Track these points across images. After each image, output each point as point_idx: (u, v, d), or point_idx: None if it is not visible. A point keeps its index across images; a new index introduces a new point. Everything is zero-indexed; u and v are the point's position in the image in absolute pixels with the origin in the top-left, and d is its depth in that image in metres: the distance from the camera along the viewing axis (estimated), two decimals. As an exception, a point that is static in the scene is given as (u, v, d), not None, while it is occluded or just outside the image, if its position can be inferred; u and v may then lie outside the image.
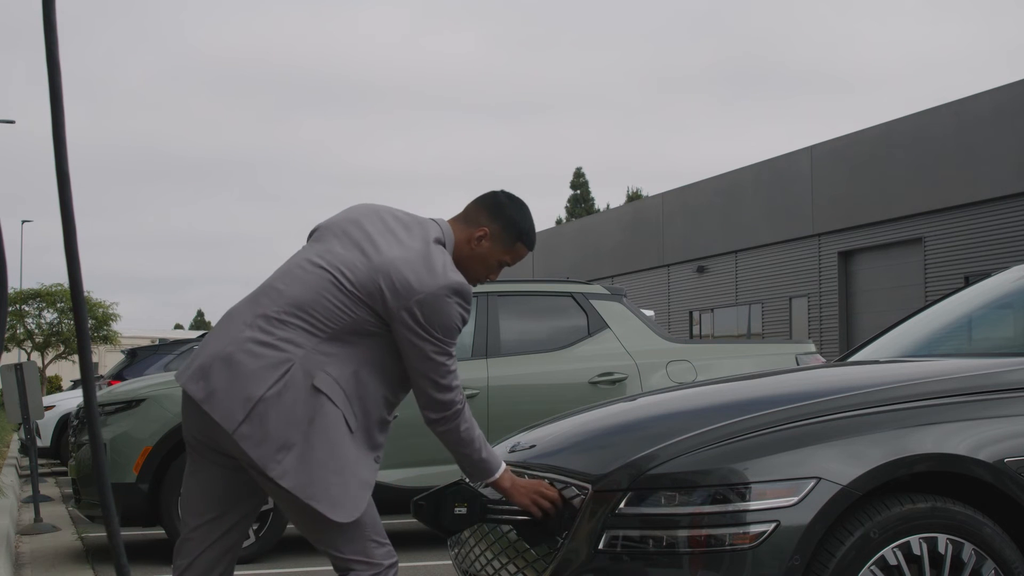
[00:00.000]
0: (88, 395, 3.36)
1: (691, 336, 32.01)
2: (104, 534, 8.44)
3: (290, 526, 7.19)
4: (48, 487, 12.95)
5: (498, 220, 3.14)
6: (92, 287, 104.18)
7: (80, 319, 3.20)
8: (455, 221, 3.18)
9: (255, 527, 6.90)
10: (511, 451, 3.62)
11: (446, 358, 3.02)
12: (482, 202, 3.18)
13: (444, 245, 3.07)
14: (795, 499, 2.85)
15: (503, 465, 3.16)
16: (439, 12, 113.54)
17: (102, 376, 17.98)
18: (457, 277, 2.98)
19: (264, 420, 2.86)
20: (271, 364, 2.89)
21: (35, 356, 43.16)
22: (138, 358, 14.87)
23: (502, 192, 3.22)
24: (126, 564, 3.35)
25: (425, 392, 3.06)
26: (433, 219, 3.14)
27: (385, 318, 2.96)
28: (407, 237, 3.03)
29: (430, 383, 3.04)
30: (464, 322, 3.02)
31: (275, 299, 2.99)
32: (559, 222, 59.88)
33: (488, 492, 3.40)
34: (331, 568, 3.05)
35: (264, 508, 5.88)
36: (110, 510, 3.37)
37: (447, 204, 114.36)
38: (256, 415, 2.86)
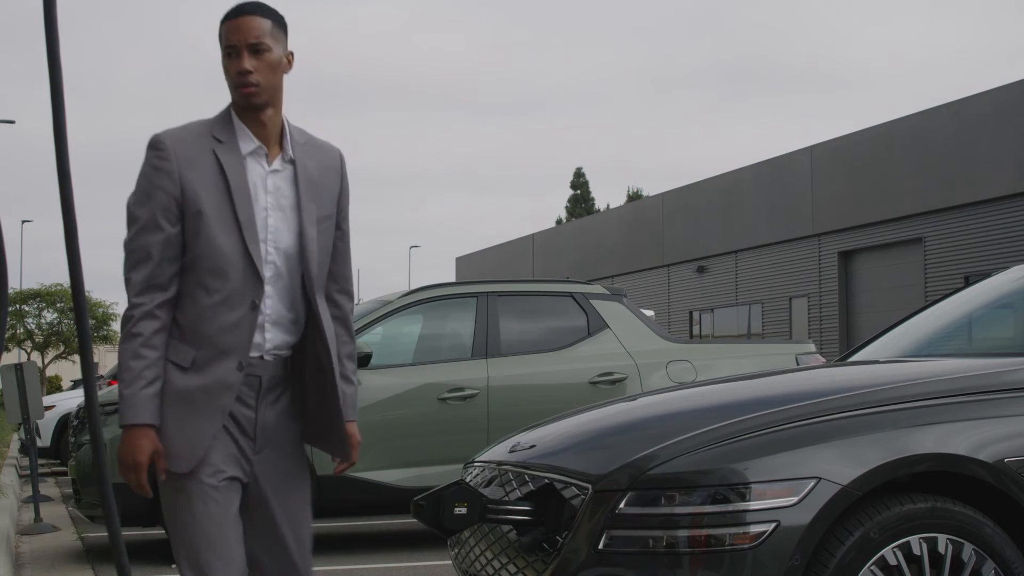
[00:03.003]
0: (89, 394, 3.36)
1: (691, 336, 32.02)
2: (104, 534, 8.44)
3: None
4: (48, 487, 12.95)
5: (284, 31, 2.81)
6: (92, 287, 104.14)
7: (81, 318, 3.19)
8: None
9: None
10: (511, 451, 3.62)
11: (127, 239, 2.75)
12: (268, 23, 2.77)
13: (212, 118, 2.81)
14: (795, 499, 2.85)
15: (144, 418, 2.66)
16: (437, 11, 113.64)
17: (102, 376, 17.99)
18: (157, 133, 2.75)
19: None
20: None
21: (35, 356, 43.17)
22: (138, 358, 14.82)
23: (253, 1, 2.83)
24: (127, 564, 3.34)
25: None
26: None
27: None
28: None
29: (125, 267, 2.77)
30: (147, 175, 2.71)
31: None
32: (559, 222, 59.90)
33: (488, 492, 3.41)
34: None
35: None
36: (111, 510, 3.35)
37: (446, 204, 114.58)
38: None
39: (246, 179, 2.75)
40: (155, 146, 2.70)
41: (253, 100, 2.74)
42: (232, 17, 2.76)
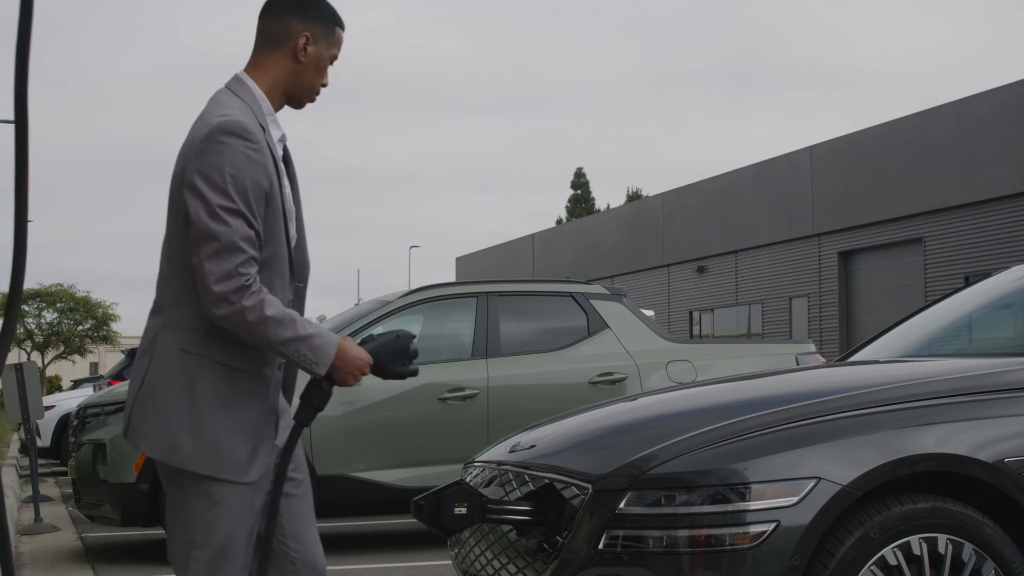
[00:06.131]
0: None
1: (691, 336, 32.02)
2: (104, 534, 8.44)
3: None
4: (48, 487, 12.95)
5: (310, 18, 2.74)
6: (92, 287, 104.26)
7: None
8: (258, 55, 2.76)
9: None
10: (511, 451, 3.62)
11: (228, 230, 2.52)
12: (279, 12, 2.75)
13: (239, 95, 2.69)
14: (795, 499, 2.85)
15: (336, 336, 2.68)
16: (435, 10, 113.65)
17: (102, 376, 17.99)
18: (227, 117, 2.58)
19: (146, 410, 2.61)
20: (142, 351, 2.66)
21: (35, 356, 43.21)
22: (138, 358, 14.85)
23: None
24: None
25: (204, 282, 2.51)
26: (226, 85, 2.77)
27: None
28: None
29: (208, 270, 2.50)
30: (256, 168, 2.57)
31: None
32: (559, 222, 59.90)
33: (488, 492, 3.41)
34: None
35: None
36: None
37: (445, 203, 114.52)
38: (139, 408, 2.62)
39: (283, 171, 2.72)
40: (245, 135, 2.57)
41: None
42: (343, 24, 2.79)
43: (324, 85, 2.79)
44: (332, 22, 2.77)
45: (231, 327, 2.55)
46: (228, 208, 2.52)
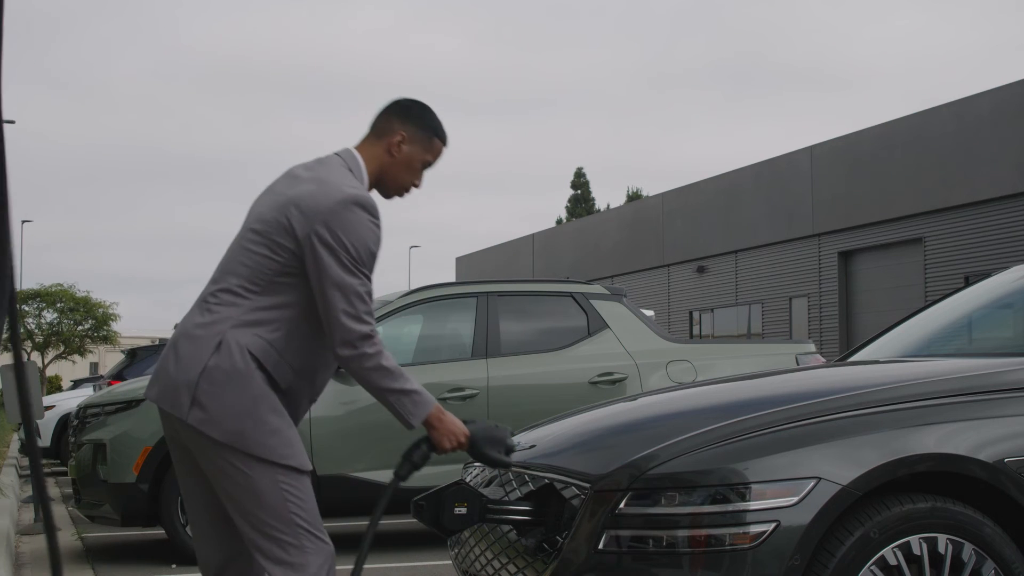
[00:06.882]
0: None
1: (691, 336, 32.02)
2: (104, 534, 8.44)
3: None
4: (48, 487, 12.94)
5: (410, 122, 3.12)
6: (92, 287, 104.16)
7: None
8: (365, 141, 3.15)
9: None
10: (511, 451, 3.62)
11: (359, 282, 2.89)
12: (389, 111, 3.14)
13: (351, 170, 3.05)
14: (795, 499, 2.85)
15: (433, 398, 3.04)
16: (435, 10, 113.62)
17: (102, 376, 17.99)
18: (357, 191, 2.95)
19: (211, 399, 2.85)
20: (206, 341, 2.90)
21: (35, 356, 43.20)
22: (138, 358, 14.88)
23: (404, 98, 3.20)
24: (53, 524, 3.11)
25: (340, 324, 2.88)
26: (336, 152, 3.13)
27: (300, 256, 2.92)
28: (309, 175, 3.03)
29: (343, 312, 2.88)
30: (377, 241, 2.94)
31: (214, 277, 3.03)
32: (559, 222, 59.90)
33: (488, 492, 3.41)
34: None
35: None
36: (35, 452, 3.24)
37: (445, 203, 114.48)
38: (202, 396, 2.86)
39: None
40: (373, 211, 2.94)
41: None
42: (445, 141, 3.18)
43: (416, 186, 3.16)
44: (432, 132, 3.14)
45: (348, 367, 2.93)
46: (358, 266, 2.90)
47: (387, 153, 3.10)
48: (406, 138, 3.10)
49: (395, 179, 3.12)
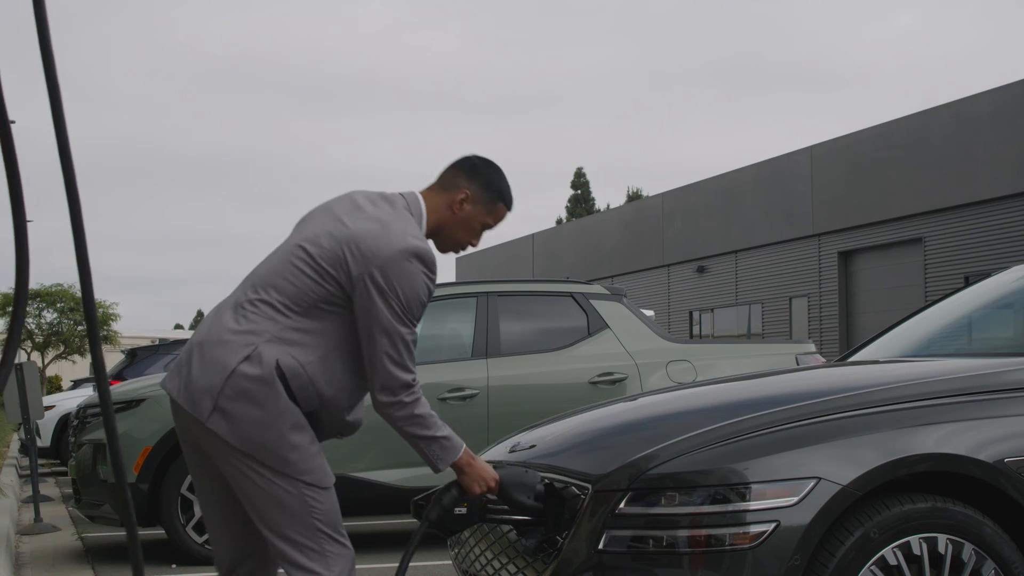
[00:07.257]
0: (103, 393, 3.26)
1: (691, 336, 32.02)
2: (104, 534, 8.44)
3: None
4: (48, 487, 12.95)
5: (476, 182, 3.11)
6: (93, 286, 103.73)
7: (91, 316, 3.14)
8: (431, 190, 3.14)
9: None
10: (511, 451, 3.62)
11: (407, 330, 2.92)
12: (458, 167, 3.15)
13: (412, 214, 3.04)
14: (795, 499, 2.85)
15: (462, 443, 3.09)
16: (434, 9, 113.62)
17: (102, 376, 17.95)
18: (419, 242, 2.94)
19: (234, 406, 2.84)
20: (237, 348, 2.88)
21: (35, 356, 43.18)
22: (138, 358, 14.87)
23: (475, 156, 3.19)
24: (142, 563, 3.29)
25: (384, 368, 2.92)
26: (402, 193, 3.12)
27: (348, 290, 2.92)
28: (373, 210, 3.01)
29: (388, 357, 2.91)
30: (429, 293, 2.95)
31: (253, 283, 3.00)
32: (559, 222, 59.87)
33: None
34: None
35: None
36: (129, 508, 3.34)
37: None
38: (225, 402, 2.85)
39: None
40: (430, 265, 2.95)
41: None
42: (510, 206, 3.19)
43: (473, 245, 3.17)
44: (497, 196, 3.15)
45: (382, 411, 3.00)
46: (408, 315, 2.91)
47: (448, 209, 3.10)
48: (469, 197, 3.10)
49: (452, 235, 3.13)
